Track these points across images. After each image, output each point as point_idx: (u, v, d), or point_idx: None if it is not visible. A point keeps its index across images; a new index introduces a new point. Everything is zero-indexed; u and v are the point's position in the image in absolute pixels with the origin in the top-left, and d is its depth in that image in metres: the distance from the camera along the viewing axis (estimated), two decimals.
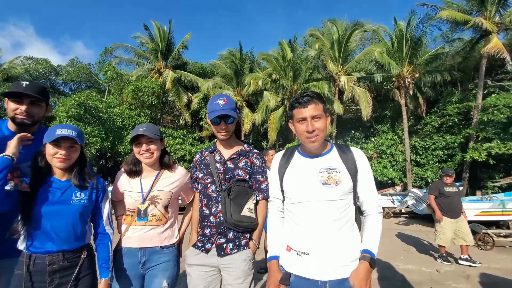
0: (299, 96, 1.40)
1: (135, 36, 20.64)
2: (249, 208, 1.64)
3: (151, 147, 1.73)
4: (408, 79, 15.46)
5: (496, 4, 12.97)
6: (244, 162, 1.75)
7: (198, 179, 1.80)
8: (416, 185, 15.59)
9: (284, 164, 1.51)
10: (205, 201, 1.71)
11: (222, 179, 1.70)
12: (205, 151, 1.87)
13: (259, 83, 17.96)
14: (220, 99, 1.71)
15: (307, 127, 1.36)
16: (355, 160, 1.43)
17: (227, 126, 1.71)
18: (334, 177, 1.36)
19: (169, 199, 1.76)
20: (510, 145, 12.14)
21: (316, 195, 1.35)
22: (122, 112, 15.04)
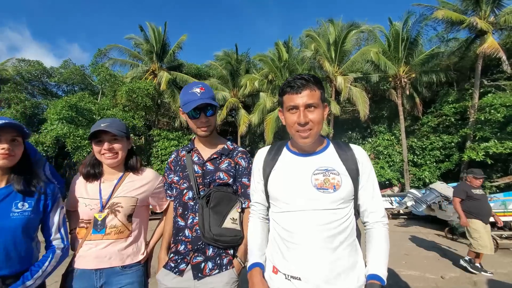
0: (292, 79, 1.13)
1: (129, 37, 20.35)
2: (232, 218, 1.37)
3: (115, 146, 1.45)
4: (404, 79, 15.41)
5: (491, 4, 12.97)
6: (227, 163, 1.47)
7: (173, 184, 1.52)
8: (414, 186, 15.52)
9: (270, 162, 1.23)
10: (180, 211, 1.43)
11: (200, 184, 1.42)
12: (181, 150, 1.58)
13: (255, 84, 17.81)
14: (197, 87, 1.42)
15: (299, 118, 1.09)
16: (356, 159, 1.16)
17: (208, 119, 1.44)
18: (331, 181, 1.09)
19: (133, 207, 1.45)
20: (508, 145, 12.09)
21: (309, 203, 1.08)
22: (115, 114, 14.75)
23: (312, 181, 1.11)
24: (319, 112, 1.12)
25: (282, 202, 1.15)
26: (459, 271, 4.31)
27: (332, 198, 1.08)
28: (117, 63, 19.94)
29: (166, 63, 20.25)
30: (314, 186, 1.09)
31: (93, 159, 1.50)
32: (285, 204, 1.14)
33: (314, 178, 1.11)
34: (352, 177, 1.12)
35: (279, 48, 18.06)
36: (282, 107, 1.20)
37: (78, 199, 1.44)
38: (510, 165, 13.58)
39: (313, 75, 1.15)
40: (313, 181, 1.11)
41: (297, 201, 1.11)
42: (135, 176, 1.53)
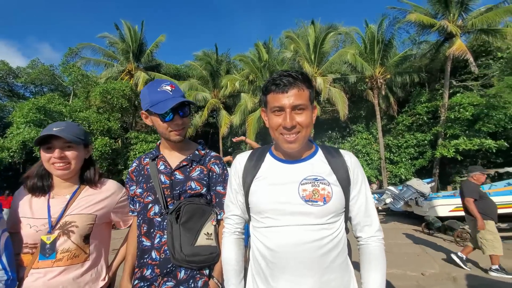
0: (277, 76, 0.98)
1: (103, 35, 19.44)
2: (207, 233, 1.19)
3: (68, 154, 1.21)
4: (380, 80, 15.98)
5: (459, 8, 13.76)
6: (198, 170, 1.29)
7: (135, 197, 1.31)
8: (391, 183, 16.11)
9: (252, 170, 1.08)
10: (145, 228, 1.22)
11: (168, 196, 1.22)
12: (144, 158, 1.37)
13: (236, 85, 17.69)
14: (166, 84, 1.22)
15: (285, 120, 0.95)
16: (347, 167, 1.04)
17: (183, 121, 1.25)
18: (321, 192, 0.97)
19: (90, 226, 1.22)
20: (476, 141, 12.85)
21: (297, 217, 0.95)
22: (89, 116, 14.01)
23: (300, 192, 0.97)
24: (308, 114, 0.98)
25: (264, 216, 1.00)
26: (438, 267, 4.46)
27: (322, 211, 0.95)
28: (90, 63, 19.02)
29: (143, 63, 19.60)
30: (302, 198, 0.96)
31: (42, 169, 1.26)
32: (268, 218, 0.99)
33: (302, 188, 0.98)
34: (343, 187, 1.00)
35: (259, 48, 18.08)
36: (265, 107, 1.05)
37: (20, 219, 1.18)
38: (478, 160, 14.46)
39: (302, 72, 1.00)
40: (300, 192, 0.97)
41: (282, 216, 0.97)
42: (93, 189, 1.31)
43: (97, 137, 13.91)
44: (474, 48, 14.70)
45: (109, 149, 13.92)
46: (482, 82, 15.19)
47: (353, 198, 1.04)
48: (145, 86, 1.28)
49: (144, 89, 1.26)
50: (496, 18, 12.89)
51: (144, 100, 1.24)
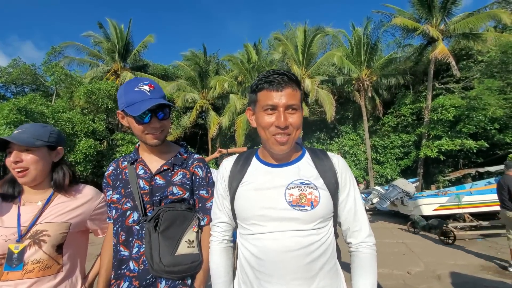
0: (270, 74, 0.95)
1: (87, 34, 18.94)
2: (188, 240, 1.13)
3: (25, 159, 1.13)
4: (366, 82, 16.30)
5: (442, 13, 14.22)
6: (181, 174, 1.22)
7: (112, 203, 1.21)
8: (378, 182, 16.44)
9: (238, 175, 1.05)
10: (124, 237, 1.14)
11: (147, 203, 1.14)
12: (122, 161, 1.29)
13: (225, 86, 17.61)
14: (144, 84, 1.13)
15: (278, 119, 0.92)
16: (335, 170, 1.02)
17: (161, 124, 1.17)
18: (308, 196, 0.94)
19: (64, 235, 1.15)
20: (457, 142, 13.28)
21: (284, 223, 0.92)
22: (72, 117, 13.57)
23: (286, 197, 0.94)
24: (299, 116, 0.96)
25: (250, 223, 0.97)
26: (423, 265, 4.57)
27: (310, 216, 0.92)
28: (74, 62, 18.47)
29: (129, 63, 19.22)
30: (288, 203, 0.93)
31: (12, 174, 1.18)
32: (254, 225, 0.96)
33: (289, 193, 0.95)
34: (330, 191, 0.98)
35: (248, 49, 18.09)
36: (253, 106, 1.00)
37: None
38: (459, 160, 14.95)
39: (294, 73, 0.98)
40: (287, 196, 0.94)
41: (268, 222, 0.94)
42: (68, 195, 1.23)
43: (81, 139, 13.49)
44: (455, 52, 15.22)
45: (94, 151, 13.52)
46: (463, 85, 15.73)
47: (342, 202, 1.02)
48: (122, 85, 1.20)
49: (121, 88, 1.18)
50: (477, 23, 13.40)
51: (120, 99, 1.16)
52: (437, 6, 14.16)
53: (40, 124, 1.26)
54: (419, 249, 5.56)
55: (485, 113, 12.72)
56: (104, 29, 18.44)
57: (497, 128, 13.25)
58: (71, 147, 13.22)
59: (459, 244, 5.89)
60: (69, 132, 13.34)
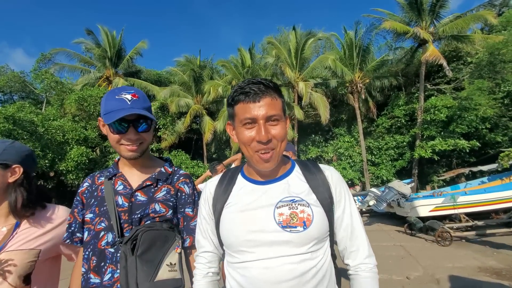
0: (245, 84, 0.85)
1: (79, 41, 18.72)
2: (170, 264, 1.01)
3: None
4: (359, 84, 16.44)
5: (431, 16, 14.46)
6: (165, 190, 1.13)
7: (85, 224, 1.09)
8: (373, 184, 16.50)
9: (222, 196, 0.95)
10: (95, 262, 1.02)
11: (125, 222, 1.03)
12: (99, 176, 1.18)
13: (219, 90, 17.57)
14: (127, 93, 1.05)
15: (259, 133, 0.83)
16: (328, 184, 0.93)
17: (139, 136, 1.07)
18: (300, 215, 0.84)
19: (32, 264, 1.04)
20: (450, 142, 13.43)
21: (274, 248, 0.82)
22: (63, 125, 13.34)
23: (276, 217, 0.84)
24: (283, 126, 0.87)
25: (237, 249, 0.87)
26: (422, 269, 4.54)
27: (303, 238, 0.83)
28: (65, 69, 18.23)
29: (122, 69, 19.05)
30: (278, 224, 0.83)
31: None
32: (241, 252, 0.86)
33: (278, 212, 0.85)
34: (325, 208, 0.88)
35: (242, 54, 18.12)
36: (232, 121, 0.91)
37: None
38: (453, 160, 15.12)
39: (271, 80, 0.90)
40: (276, 217, 0.84)
41: (257, 247, 0.84)
42: (37, 219, 1.10)
43: (73, 147, 13.26)
44: (445, 54, 15.46)
45: (86, 159, 13.29)
46: (454, 86, 15.98)
47: (337, 219, 0.93)
48: (107, 92, 1.14)
49: (104, 95, 1.11)
50: (465, 25, 13.66)
51: (101, 106, 1.08)
52: (426, 9, 14.40)
53: (10, 141, 1.16)
54: (417, 252, 5.53)
55: (476, 113, 12.92)
56: (94, 36, 18.28)
57: (488, 127, 13.46)
58: (62, 155, 12.98)
59: (455, 245, 5.89)
60: (60, 140, 13.10)
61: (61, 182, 15.67)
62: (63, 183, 15.14)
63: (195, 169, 16.62)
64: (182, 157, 17.56)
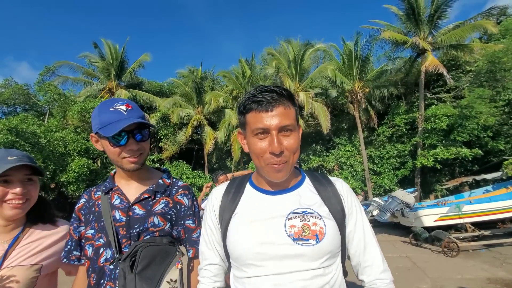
0: (258, 92, 0.83)
1: (83, 55, 19.10)
2: (170, 280, 0.96)
3: (30, 189, 1.04)
4: (359, 94, 16.53)
5: (429, 26, 14.68)
6: (163, 203, 1.09)
7: (87, 240, 1.06)
8: (376, 193, 16.34)
9: (229, 206, 0.91)
10: (94, 279, 1.00)
11: (123, 237, 1.00)
12: (95, 191, 1.14)
13: (220, 101, 17.72)
14: (121, 104, 1.03)
15: (272, 145, 0.80)
16: (339, 196, 0.90)
17: (140, 146, 1.05)
18: (312, 227, 0.81)
19: (34, 280, 1.01)
20: (452, 150, 13.37)
21: (285, 262, 0.79)
22: (65, 137, 13.39)
23: (287, 229, 0.81)
24: (296, 137, 0.85)
25: (246, 263, 0.83)
26: (430, 281, 4.42)
27: (316, 252, 0.79)
28: (68, 82, 18.47)
29: (124, 81, 19.29)
30: (290, 236, 0.80)
31: None
32: (250, 266, 0.82)
33: (289, 224, 0.81)
34: (337, 221, 0.85)
35: (242, 65, 18.36)
36: (243, 129, 0.89)
37: None
38: (456, 168, 15.01)
39: (285, 88, 0.86)
40: (287, 228, 0.81)
41: (267, 261, 0.80)
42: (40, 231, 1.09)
43: (74, 158, 13.26)
44: (444, 63, 15.60)
45: (87, 170, 13.28)
46: (454, 94, 16.05)
47: (350, 232, 0.89)
48: (97, 106, 1.10)
49: (95, 109, 1.07)
50: (463, 35, 13.84)
51: (94, 121, 1.04)
52: (424, 19, 14.64)
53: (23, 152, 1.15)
54: (424, 263, 5.41)
55: (478, 121, 12.91)
56: (99, 49, 18.63)
57: (490, 135, 13.42)
58: (64, 166, 12.97)
59: (462, 255, 5.76)
60: (61, 152, 13.12)
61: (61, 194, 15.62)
62: (63, 195, 15.08)
63: (196, 180, 16.54)
64: (183, 168, 17.51)
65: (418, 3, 14.38)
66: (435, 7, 14.11)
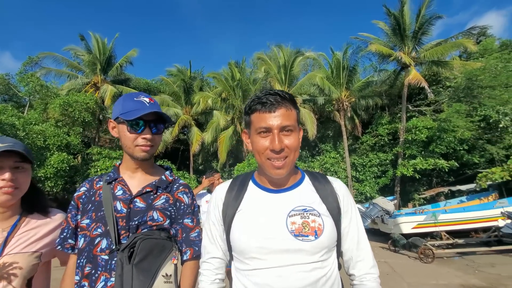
0: (263, 94, 0.91)
1: (69, 48, 18.42)
2: (166, 275, 0.97)
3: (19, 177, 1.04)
4: (346, 103, 16.99)
5: (413, 42, 15.38)
6: (164, 198, 1.11)
7: (81, 230, 1.06)
8: (357, 200, 16.75)
9: (233, 203, 0.97)
10: (88, 269, 0.99)
11: (122, 228, 1.01)
12: (98, 181, 1.15)
13: (208, 102, 17.63)
14: (145, 96, 1.10)
15: (273, 143, 0.87)
16: (336, 195, 0.97)
17: (153, 137, 1.09)
18: (311, 224, 0.87)
19: (35, 267, 1.02)
20: (431, 161, 13.98)
21: (287, 256, 0.85)
22: (45, 130, 12.86)
23: (288, 226, 0.87)
24: (296, 137, 0.92)
25: (249, 256, 0.88)
26: (407, 286, 4.61)
27: (315, 247, 0.86)
28: (51, 73, 17.77)
29: (111, 76, 18.80)
30: (291, 232, 0.86)
31: None
32: (253, 259, 0.88)
33: (291, 221, 0.88)
34: (334, 218, 0.92)
35: (232, 67, 18.39)
36: (248, 129, 0.97)
37: None
38: (433, 179, 15.67)
39: (288, 92, 0.95)
40: (289, 225, 0.87)
41: (269, 255, 0.86)
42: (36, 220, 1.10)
43: (54, 153, 12.76)
44: (426, 78, 16.36)
45: (67, 166, 12.80)
46: (434, 108, 16.82)
47: (344, 229, 0.96)
48: (122, 96, 1.17)
49: (120, 99, 1.14)
50: (444, 52, 14.62)
51: (116, 108, 1.11)
52: (408, 35, 15.33)
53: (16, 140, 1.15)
54: (401, 269, 5.62)
55: (455, 134, 13.58)
56: (86, 42, 18.08)
57: (466, 149, 14.14)
58: (42, 161, 12.45)
59: (437, 262, 6.03)
60: (40, 145, 12.60)
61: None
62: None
63: None
64: None
65: (404, 20, 15.06)
66: (419, 24, 14.83)
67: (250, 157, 16.35)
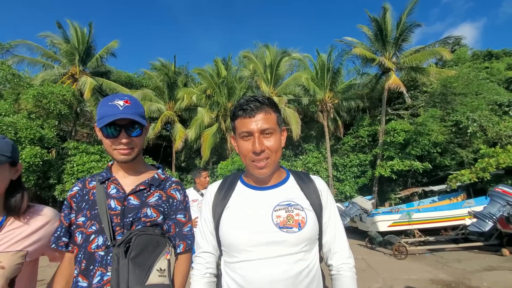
0: (244, 101, 0.98)
1: (45, 35, 17.39)
2: (160, 269, 1.01)
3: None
4: (329, 104, 17.39)
5: (394, 48, 15.99)
6: (157, 196, 1.15)
7: (77, 227, 1.08)
8: (337, 199, 17.23)
9: (222, 201, 1.04)
10: (84, 265, 1.01)
11: (117, 225, 1.04)
12: (90, 180, 1.18)
13: (193, 98, 17.39)
14: (120, 99, 1.09)
15: (254, 145, 0.95)
16: (318, 192, 1.05)
17: (131, 140, 1.10)
18: (295, 217, 0.94)
19: (19, 266, 1.01)
20: (407, 163, 14.63)
21: (272, 248, 0.91)
22: (16, 122, 12.13)
23: (274, 219, 0.94)
24: (277, 138, 0.99)
25: (236, 249, 0.94)
26: (381, 280, 4.83)
27: (298, 238, 0.92)
28: (24, 62, 16.77)
29: (90, 68, 18.04)
30: (276, 225, 0.92)
31: None
32: (240, 251, 0.93)
33: (276, 215, 0.94)
34: (316, 212, 1.00)
35: (218, 64, 18.25)
36: (234, 134, 1.05)
37: None
38: (408, 180, 16.41)
39: (268, 97, 1.02)
40: (274, 218, 0.94)
41: (255, 247, 0.91)
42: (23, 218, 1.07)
43: (25, 146, 12.07)
44: (405, 83, 17.08)
45: (40, 161, 12.14)
46: (411, 112, 17.59)
47: (325, 223, 1.04)
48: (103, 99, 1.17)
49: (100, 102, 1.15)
50: (422, 59, 15.34)
51: (97, 113, 1.13)
52: (390, 41, 15.92)
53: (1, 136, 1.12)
54: (377, 265, 5.87)
55: (429, 138, 14.30)
56: (63, 30, 17.20)
57: (439, 151, 14.93)
58: None
59: (410, 258, 6.35)
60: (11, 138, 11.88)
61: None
62: None
63: None
64: None
65: (386, 26, 15.62)
66: (400, 31, 15.44)
67: (234, 155, 16.32)
